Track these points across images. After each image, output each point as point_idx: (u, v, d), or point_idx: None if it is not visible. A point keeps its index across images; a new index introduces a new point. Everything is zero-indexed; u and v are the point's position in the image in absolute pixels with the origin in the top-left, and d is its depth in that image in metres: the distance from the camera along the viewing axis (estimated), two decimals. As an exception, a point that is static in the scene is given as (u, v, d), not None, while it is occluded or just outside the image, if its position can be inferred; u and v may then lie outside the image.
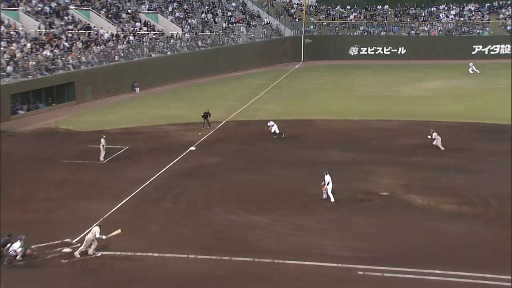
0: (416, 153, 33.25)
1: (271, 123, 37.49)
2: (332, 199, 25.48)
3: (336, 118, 43.43)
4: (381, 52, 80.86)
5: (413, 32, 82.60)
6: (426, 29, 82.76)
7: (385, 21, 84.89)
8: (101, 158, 32.14)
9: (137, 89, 56.29)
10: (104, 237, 20.36)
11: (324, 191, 25.62)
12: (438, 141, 33.87)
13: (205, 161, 32.20)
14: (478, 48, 79.03)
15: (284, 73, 68.55)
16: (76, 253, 20.27)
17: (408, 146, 34.66)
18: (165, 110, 47.04)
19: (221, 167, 31.10)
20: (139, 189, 27.44)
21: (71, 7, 59.95)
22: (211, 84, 61.27)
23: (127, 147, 34.80)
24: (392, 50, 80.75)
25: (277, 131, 37.22)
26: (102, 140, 32.39)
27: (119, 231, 20.69)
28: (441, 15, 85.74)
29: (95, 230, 20.38)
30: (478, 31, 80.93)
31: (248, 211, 24.51)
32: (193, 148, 34.90)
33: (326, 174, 25.73)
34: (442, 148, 33.57)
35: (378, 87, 58.22)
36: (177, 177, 29.26)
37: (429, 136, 34.23)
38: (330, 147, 35.05)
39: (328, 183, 25.50)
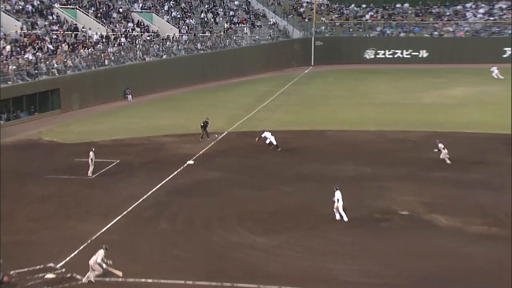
0: (439, 167, 33.38)
1: (267, 134, 37.84)
2: (346, 218, 25.58)
3: (350, 128, 43.63)
4: (400, 56, 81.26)
5: (436, 33, 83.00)
6: (451, 30, 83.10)
7: (405, 21, 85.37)
8: (90, 173, 32.35)
9: (130, 97, 56.69)
10: (104, 265, 20.23)
11: (335, 211, 25.70)
12: (444, 154, 34.27)
13: (205, 176, 32.38)
14: (510, 50, 79.18)
15: (292, 79, 68.91)
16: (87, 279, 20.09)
17: (431, 160, 34.73)
18: (161, 120, 47.33)
19: (222, 182, 31.29)
20: (131, 207, 27.64)
21: (56, 5, 60.48)
22: (211, 91, 61.65)
23: (118, 161, 35.05)
24: (413, 54, 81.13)
25: (274, 143, 37.62)
26: (91, 153, 32.63)
27: (120, 273, 20.47)
28: (467, 14, 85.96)
29: (100, 253, 20.30)
30: (510, 31, 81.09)
31: (251, 232, 24.64)
32: (191, 162, 35.12)
33: (337, 190, 25.85)
34: (449, 162, 33.92)
35: (396, 94, 58.50)
36: (174, 194, 29.45)
37: (436, 149, 34.55)
38: (343, 160, 35.22)
39: (338, 200, 25.60)
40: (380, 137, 41.11)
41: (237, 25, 77.46)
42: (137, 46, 61.26)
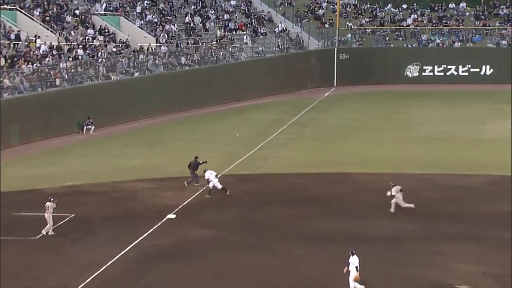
0: (509, 224, 33.39)
1: (210, 174, 38.25)
2: (358, 291, 25.63)
3: (386, 170, 43.72)
4: (455, 73, 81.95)
5: (504, 42, 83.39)
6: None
7: (461, 27, 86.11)
8: (45, 231, 32.45)
9: (90, 128, 57.00)
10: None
11: (354, 282, 25.62)
12: (399, 199, 35.06)
13: (190, 235, 32.44)
14: None
15: (308, 105, 69.37)
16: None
17: (497, 214, 34.82)
18: (132, 160, 47.51)
19: (215, 244, 31.32)
20: (91, 277, 27.60)
21: (-13, 5, 61.13)
22: (199, 121, 62.06)
23: (73, 215, 35.12)
24: (472, 70, 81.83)
25: (219, 186, 38.10)
26: (49, 204, 32.75)
27: None
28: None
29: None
30: None
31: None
32: (172, 215, 35.23)
33: (353, 255, 25.90)
34: (392, 210, 34.99)
35: (449, 124, 58.91)
36: (149, 260, 29.48)
37: (388, 193, 35.28)
38: (377, 214, 35.29)
39: (357, 268, 25.58)
40: (427, 183, 41.22)
41: (234, 33, 78.20)
42: (100, 60, 61.85)
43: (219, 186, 38.46)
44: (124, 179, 42.27)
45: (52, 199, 33.09)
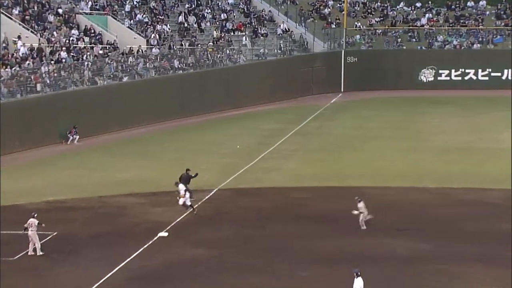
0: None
1: (181, 188, 38.35)
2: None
3: (398, 184, 43.97)
4: (474, 78, 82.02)
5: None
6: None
7: (481, 27, 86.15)
8: (33, 251, 32.49)
9: (75, 138, 57.05)
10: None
11: None
12: (362, 215, 35.59)
13: (184, 255, 32.48)
14: None
15: (313, 112, 69.51)
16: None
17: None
18: (120, 172, 47.60)
19: (211, 265, 31.35)
20: (75, 302, 27.78)
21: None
22: (194, 130, 62.14)
23: (55, 233, 35.17)
24: (493, 74, 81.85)
25: (188, 203, 38.20)
26: (33, 221, 32.73)
27: None
28: None
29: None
30: None
31: None
32: (164, 233, 35.31)
33: (357, 276, 25.83)
34: (363, 227, 35.42)
35: (467, 134, 58.98)
36: (139, 282, 29.51)
37: (355, 211, 35.75)
38: (389, 232, 35.34)
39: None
40: (443, 198, 41.32)
41: (232, 34, 78.24)
42: (85, 63, 61.87)
43: (188, 203, 38.37)
44: (112, 194, 42.36)
45: (35, 215, 33.16)
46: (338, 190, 43.16)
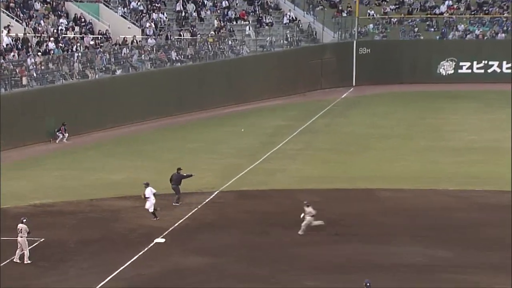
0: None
1: (151, 191, 38.43)
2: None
3: (414, 186, 44.07)
4: (497, 70, 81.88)
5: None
6: None
7: (506, 14, 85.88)
8: (19, 259, 32.60)
9: (64, 137, 57.23)
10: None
11: None
12: (307, 220, 36.17)
13: (182, 263, 32.60)
14: None
15: (322, 108, 69.57)
16: None
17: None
18: (113, 174, 47.84)
19: (212, 273, 31.48)
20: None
21: None
22: (193, 127, 62.34)
23: (42, 239, 35.27)
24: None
25: (151, 209, 38.26)
26: (22, 226, 32.89)
27: None
28: None
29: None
30: None
31: None
32: (161, 239, 35.52)
33: (367, 286, 26.22)
34: (301, 233, 35.74)
35: (490, 132, 59.08)
36: (133, 293, 29.87)
37: (303, 215, 36.20)
38: (404, 238, 35.50)
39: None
40: (464, 202, 41.45)
41: (235, 23, 78.23)
42: (75, 55, 61.91)
43: (151, 209, 38.36)
44: (104, 197, 42.54)
45: (25, 220, 33.33)
46: (348, 193, 43.40)
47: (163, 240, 35.55)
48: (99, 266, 32.27)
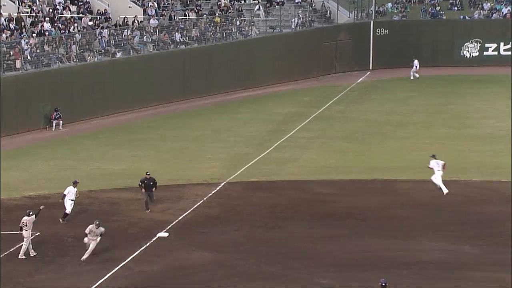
0: None
1: (71, 191, 37.65)
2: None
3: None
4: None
5: None
6: None
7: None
8: (24, 255, 32.56)
9: (59, 123, 57.12)
10: None
11: None
12: None
13: (187, 260, 32.46)
14: None
15: (336, 94, 69.41)
16: None
17: None
18: (112, 164, 47.71)
19: (218, 271, 31.29)
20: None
21: None
22: (198, 114, 62.20)
23: (38, 233, 35.02)
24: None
25: (68, 210, 37.37)
26: (27, 219, 32.77)
27: None
28: None
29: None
30: None
31: None
32: (164, 234, 35.34)
33: (383, 285, 25.90)
34: None
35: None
36: (134, 291, 29.63)
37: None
38: (425, 233, 35.28)
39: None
40: (490, 194, 41.18)
41: (243, 2, 78.19)
42: (72, 37, 61.80)
43: (68, 210, 37.49)
44: (103, 188, 42.44)
45: (31, 213, 33.13)
46: (365, 184, 43.16)
47: (166, 235, 35.36)
48: (97, 263, 32.05)
